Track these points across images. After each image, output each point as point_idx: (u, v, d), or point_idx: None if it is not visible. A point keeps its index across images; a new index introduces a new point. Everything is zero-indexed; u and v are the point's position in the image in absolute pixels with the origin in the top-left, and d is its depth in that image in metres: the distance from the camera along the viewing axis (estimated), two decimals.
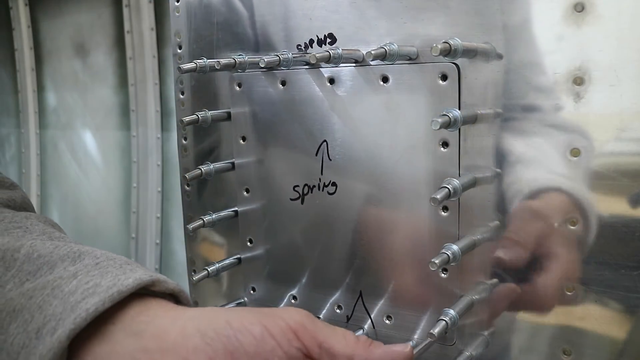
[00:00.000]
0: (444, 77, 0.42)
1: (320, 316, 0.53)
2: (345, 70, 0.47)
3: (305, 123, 0.50)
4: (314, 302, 0.53)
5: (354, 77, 0.47)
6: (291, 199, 0.52)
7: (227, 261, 0.57)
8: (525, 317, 0.43)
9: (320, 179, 0.50)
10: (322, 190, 0.50)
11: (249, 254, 0.57)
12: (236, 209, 0.57)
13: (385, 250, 0.48)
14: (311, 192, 0.51)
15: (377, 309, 0.49)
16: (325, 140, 0.49)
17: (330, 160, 0.49)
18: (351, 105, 0.47)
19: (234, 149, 0.55)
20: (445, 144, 0.43)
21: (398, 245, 0.47)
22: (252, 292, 0.57)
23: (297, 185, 0.52)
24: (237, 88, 0.54)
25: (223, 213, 0.57)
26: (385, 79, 0.45)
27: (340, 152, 0.49)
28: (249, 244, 0.56)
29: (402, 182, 0.46)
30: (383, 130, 0.46)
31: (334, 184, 0.50)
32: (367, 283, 0.50)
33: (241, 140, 0.55)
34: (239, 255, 0.57)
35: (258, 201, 0.55)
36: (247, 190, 0.55)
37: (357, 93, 0.47)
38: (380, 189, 0.47)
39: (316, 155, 0.50)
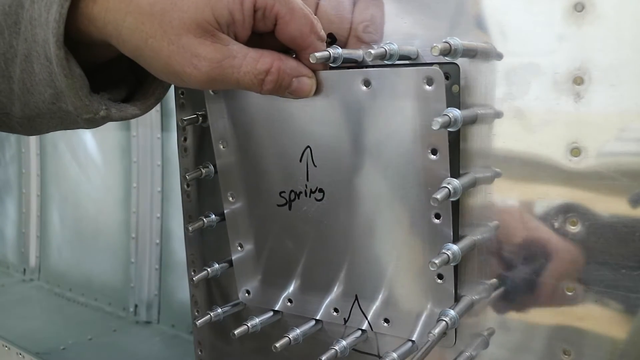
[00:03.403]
0: (430, 82, 0.41)
1: (317, 318, 0.53)
2: (324, 74, 0.45)
3: (286, 128, 0.49)
4: (309, 304, 0.53)
5: (334, 81, 0.45)
6: (278, 205, 0.51)
7: (223, 263, 0.57)
8: (524, 317, 0.43)
9: (306, 185, 0.49)
10: (309, 196, 0.49)
11: (240, 259, 0.56)
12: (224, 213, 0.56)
13: (377, 255, 0.48)
14: (298, 198, 0.50)
15: (374, 312, 0.49)
16: (308, 146, 0.48)
17: (316, 166, 0.48)
18: (332, 110, 0.46)
19: (215, 154, 0.54)
20: (434, 151, 0.42)
21: (390, 250, 0.47)
22: (247, 294, 0.57)
23: (283, 192, 0.51)
24: (212, 93, 0.52)
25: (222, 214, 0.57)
26: (367, 83, 0.44)
27: (325, 158, 0.48)
28: (239, 248, 0.56)
29: (391, 188, 0.45)
30: (368, 135, 0.45)
31: (320, 190, 0.49)
32: (362, 287, 0.49)
33: (221, 146, 0.54)
34: (230, 259, 0.57)
35: (244, 206, 0.54)
36: (232, 196, 0.55)
37: (338, 97, 0.45)
38: (369, 194, 0.46)
39: (300, 161, 0.49)
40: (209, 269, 0.57)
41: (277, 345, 0.49)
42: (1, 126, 0.47)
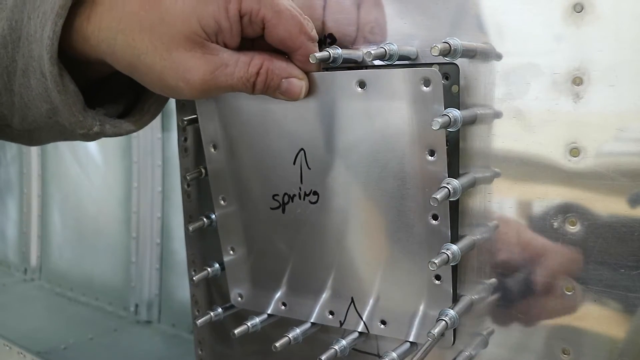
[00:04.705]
0: (427, 83, 0.40)
1: (312, 321, 0.52)
2: (318, 75, 0.45)
3: (279, 131, 0.48)
4: (304, 307, 0.52)
5: (328, 83, 0.45)
6: (271, 208, 0.51)
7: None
8: (524, 317, 0.43)
9: (300, 188, 0.49)
10: (304, 199, 0.49)
11: (232, 263, 0.56)
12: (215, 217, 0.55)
13: (373, 257, 0.47)
14: (292, 201, 0.49)
15: (371, 314, 0.49)
16: (302, 149, 0.48)
17: (310, 169, 0.48)
18: (327, 111, 0.45)
19: (206, 157, 0.54)
20: (432, 152, 0.42)
21: (386, 252, 0.47)
22: (239, 298, 0.57)
23: (277, 195, 0.50)
24: None
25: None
26: (362, 85, 0.43)
27: (319, 160, 0.47)
28: (231, 252, 0.55)
29: (388, 190, 0.45)
30: (363, 138, 0.44)
31: (315, 192, 0.48)
32: (358, 289, 0.49)
33: (212, 149, 0.53)
34: (222, 262, 0.57)
35: (236, 210, 0.54)
36: (224, 200, 0.54)
37: (333, 99, 0.45)
38: (364, 196, 0.46)
39: (294, 164, 0.48)
40: (209, 269, 0.57)
41: (277, 344, 0.49)
42: (3, 136, 0.47)
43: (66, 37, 0.41)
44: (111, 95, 0.47)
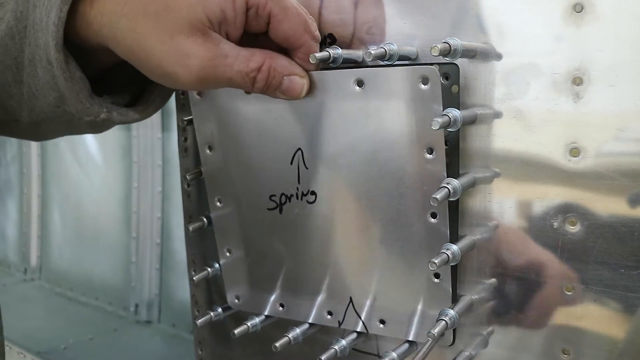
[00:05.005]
0: (425, 81, 0.40)
1: (310, 321, 0.52)
2: (316, 74, 0.45)
3: (276, 130, 0.48)
4: (302, 308, 0.52)
5: (326, 81, 0.44)
6: (268, 209, 0.51)
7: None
8: (524, 317, 0.43)
9: (297, 188, 0.48)
10: (301, 199, 0.49)
11: (228, 264, 0.56)
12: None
13: (372, 256, 0.47)
14: (289, 202, 0.49)
15: (369, 314, 0.49)
16: (299, 149, 0.47)
17: (307, 168, 0.48)
18: (324, 110, 0.45)
19: (201, 159, 0.54)
20: (430, 150, 0.42)
21: (385, 250, 0.47)
22: (236, 300, 0.57)
23: (274, 195, 0.50)
24: (198, 96, 0.51)
25: None
26: (360, 83, 0.43)
27: (317, 160, 0.47)
28: (227, 254, 0.55)
29: (386, 189, 0.45)
30: (361, 136, 0.44)
31: (312, 192, 0.48)
32: (357, 289, 0.49)
33: (207, 150, 0.53)
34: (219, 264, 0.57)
35: (233, 211, 0.53)
36: (220, 201, 0.54)
37: (330, 98, 0.45)
38: (363, 195, 0.46)
39: (291, 164, 0.48)
40: (209, 269, 0.57)
41: (277, 345, 0.49)
42: (10, 132, 0.48)
43: (71, 23, 0.41)
44: (116, 86, 0.48)
